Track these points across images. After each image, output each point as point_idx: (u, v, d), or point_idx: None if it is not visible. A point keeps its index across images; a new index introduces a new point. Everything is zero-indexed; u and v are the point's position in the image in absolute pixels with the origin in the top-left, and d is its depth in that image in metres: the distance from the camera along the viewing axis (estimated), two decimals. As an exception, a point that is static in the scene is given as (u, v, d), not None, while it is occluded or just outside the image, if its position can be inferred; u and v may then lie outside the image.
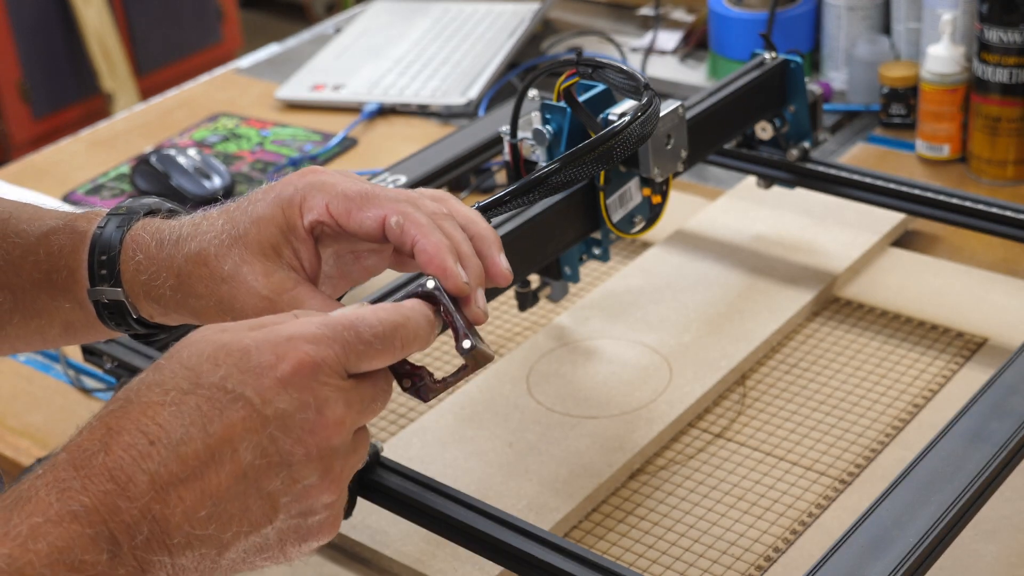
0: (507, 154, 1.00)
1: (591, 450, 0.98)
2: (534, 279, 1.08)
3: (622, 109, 0.97)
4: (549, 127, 0.97)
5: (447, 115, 1.59)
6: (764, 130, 1.19)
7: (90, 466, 0.55)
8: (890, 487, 0.80)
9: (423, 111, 1.60)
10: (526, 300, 1.08)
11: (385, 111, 1.61)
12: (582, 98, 0.96)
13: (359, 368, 0.60)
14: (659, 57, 1.67)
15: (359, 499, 0.85)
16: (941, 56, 1.33)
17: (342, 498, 0.60)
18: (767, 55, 1.16)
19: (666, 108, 0.98)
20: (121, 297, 0.73)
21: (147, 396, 0.57)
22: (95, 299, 0.74)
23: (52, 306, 0.76)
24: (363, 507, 0.85)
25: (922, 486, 0.79)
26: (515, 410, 1.03)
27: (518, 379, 1.07)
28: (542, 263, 1.01)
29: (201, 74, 1.84)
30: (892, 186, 1.13)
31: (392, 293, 0.65)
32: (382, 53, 1.74)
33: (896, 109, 1.43)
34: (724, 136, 1.15)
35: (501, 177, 1.39)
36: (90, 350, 1.02)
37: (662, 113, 0.98)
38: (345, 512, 0.77)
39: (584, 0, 1.83)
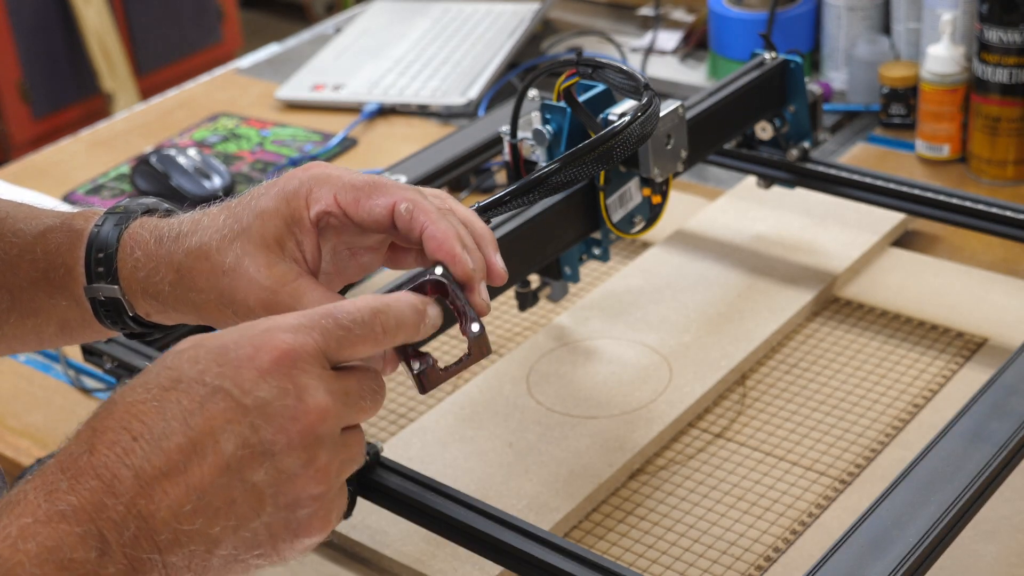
0: (507, 154, 1.00)
1: (591, 450, 0.98)
2: (534, 279, 1.08)
3: (622, 109, 0.97)
4: (549, 127, 0.97)
5: (447, 115, 1.59)
6: (764, 130, 1.19)
7: (76, 467, 0.55)
8: (890, 487, 0.80)
9: (423, 111, 1.60)
10: (526, 300, 1.08)
11: (385, 111, 1.61)
12: (582, 98, 0.96)
13: (340, 355, 0.60)
14: (659, 57, 1.67)
15: (359, 499, 0.85)
16: (941, 56, 1.33)
17: (331, 492, 0.59)
18: (767, 55, 1.16)
19: (666, 108, 0.98)
20: (118, 295, 0.73)
21: (130, 396, 0.57)
22: (92, 296, 0.74)
23: (49, 304, 0.76)
24: (363, 507, 0.85)
25: (922, 486, 0.79)
26: (515, 410, 1.03)
27: (518, 379, 1.07)
28: (542, 263, 1.01)
29: (201, 74, 1.84)
30: (892, 186, 1.13)
31: (403, 286, 0.65)
32: (382, 53, 1.74)
33: (896, 109, 1.43)
34: (724, 136, 1.15)
35: (501, 177, 1.39)
36: (90, 350, 1.02)
37: (662, 113, 0.98)
38: (345, 512, 0.77)
39: (584, 0, 1.83)
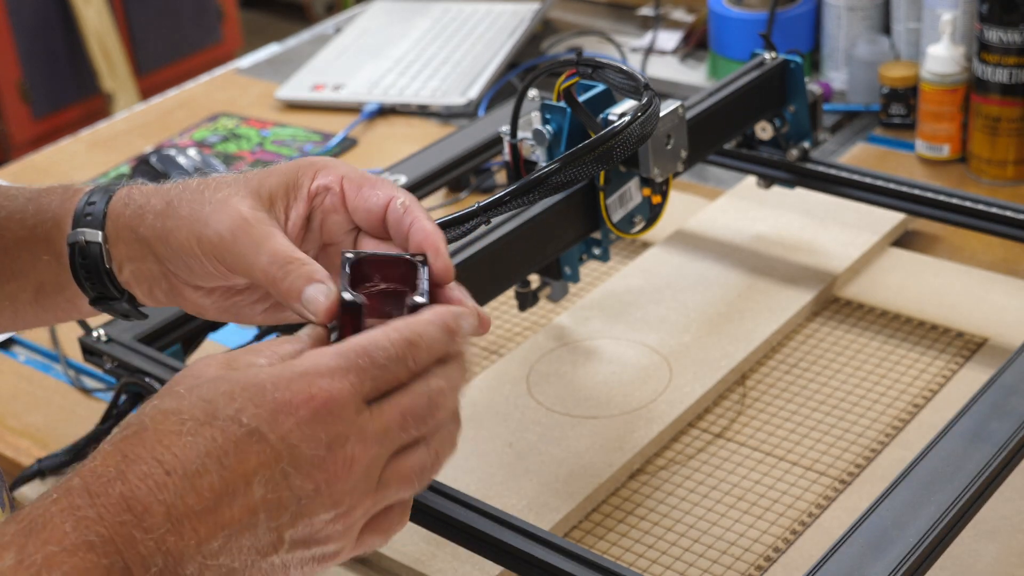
0: (507, 154, 1.00)
1: (591, 450, 0.98)
2: (534, 279, 1.08)
3: (622, 109, 0.97)
4: (549, 127, 0.97)
5: (447, 115, 1.59)
6: (764, 130, 1.19)
7: (106, 494, 0.55)
8: (890, 487, 0.80)
9: (423, 111, 1.60)
10: (526, 300, 1.08)
11: (385, 111, 1.61)
12: (582, 98, 0.96)
13: (376, 393, 0.60)
14: (659, 57, 1.67)
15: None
16: (941, 56, 1.33)
17: (352, 533, 0.60)
18: (767, 55, 1.16)
19: (666, 108, 0.98)
20: (99, 239, 0.72)
21: (163, 424, 0.57)
22: (73, 242, 0.73)
23: (29, 265, 0.75)
24: (363, 507, 0.85)
25: (922, 486, 0.79)
26: (515, 410, 1.03)
27: (518, 379, 1.07)
28: (542, 263, 1.01)
29: (201, 74, 1.84)
30: (892, 186, 1.13)
31: (378, 259, 0.65)
32: (382, 53, 1.74)
33: (896, 109, 1.43)
34: (724, 136, 1.15)
35: (501, 177, 1.39)
36: (90, 350, 1.02)
37: (662, 113, 0.98)
38: None
39: (584, 0, 1.83)
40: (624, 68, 0.88)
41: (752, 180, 1.26)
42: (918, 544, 0.75)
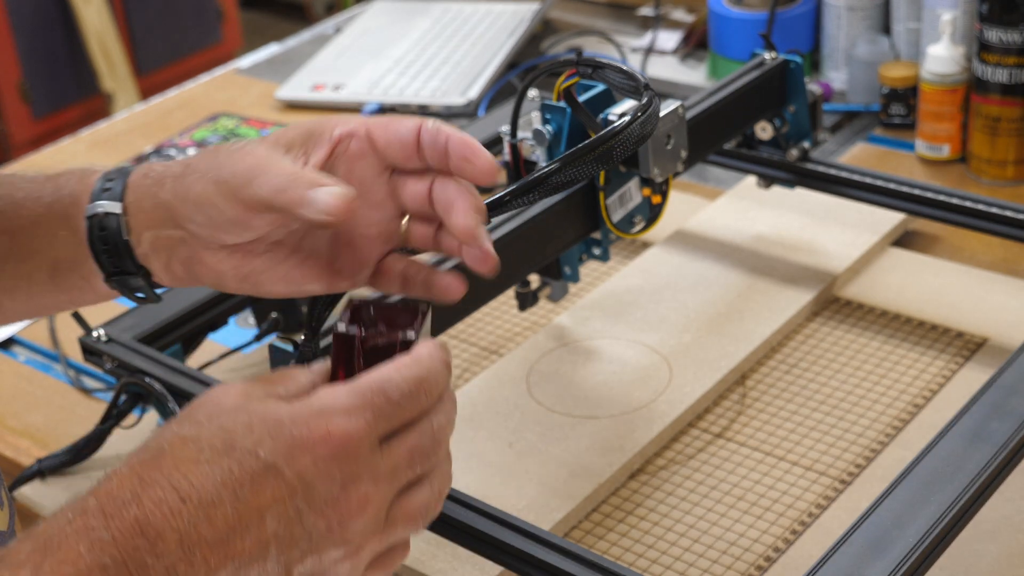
0: (507, 154, 1.00)
1: (591, 450, 0.98)
2: (534, 279, 1.08)
3: (622, 109, 0.97)
4: (549, 127, 0.97)
5: (447, 115, 1.59)
6: (764, 130, 1.19)
7: (121, 516, 0.55)
8: (890, 487, 0.80)
9: (423, 111, 1.60)
10: (526, 300, 1.08)
11: (385, 111, 1.61)
12: (582, 98, 0.96)
13: (389, 430, 0.61)
14: (659, 57, 1.67)
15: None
16: (941, 56, 1.33)
17: (357, 572, 0.61)
18: (767, 55, 1.16)
19: (666, 108, 0.98)
20: (117, 210, 0.72)
21: (182, 451, 0.57)
22: (91, 214, 0.73)
23: (46, 241, 0.75)
24: (363, 507, 0.85)
25: (922, 486, 0.79)
26: (515, 410, 1.03)
27: (518, 379, 1.07)
28: (542, 263, 1.01)
29: (201, 74, 1.84)
30: (892, 186, 1.13)
31: (392, 303, 0.66)
32: (382, 53, 1.74)
33: (896, 109, 1.43)
34: (724, 136, 1.15)
35: (501, 177, 1.39)
36: (90, 350, 1.02)
37: (662, 113, 0.98)
38: None
39: (584, 0, 1.83)
40: (624, 68, 0.88)
41: (752, 180, 1.26)
42: (918, 544, 0.75)
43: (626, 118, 0.77)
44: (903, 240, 1.24)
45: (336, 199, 0.64)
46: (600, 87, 0.98)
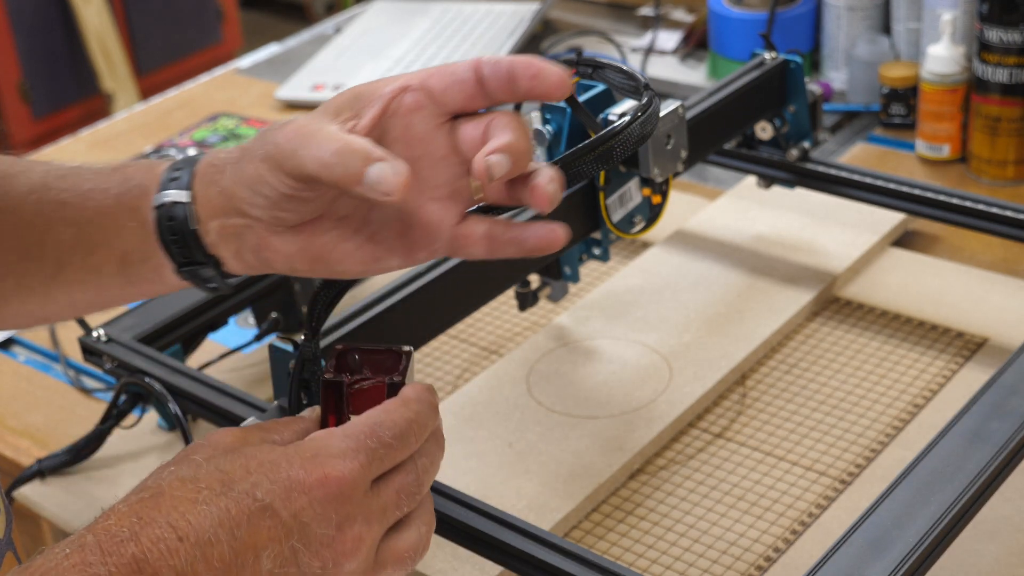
0: (507, 154, 1.00)
1: (591, 450, 0.98)
2: (534, 279, 1.08)
3: (622, 109, 0.97)
4: (549, 127, 0.97)
5: (447, 115, 1.58)
6: (764, 130, 1.19)
7: (118, 553, 0.55)
8: (890, 487, 0.80)
9: (423, 111, 1.60)
10: (526, 300, 1.08)
11: (385, 111, 1.61)
12: (582, 98, 0.96)
13: (381, 472, 0.63)
14: (659, 57, 1.67)
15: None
16: (941, 56, 1.33)
17: None
18: (767, 55, 1.16)
19: (666, 108, 0.98)
20: (185, 199, 0.70)
21: (180, 491, 0.58)
22: (159, 204, 0.71)
23: (114, 233, 0.73)
24: (363, 507, 0.85)
25: (922, 486, 0.79)
26: (515, 410, 1.03)
27: (518, 379, 1.07)
28: (542, 263, 1.01)
29: (201, 74, 1.84)
30: (892, 186, 1.13)
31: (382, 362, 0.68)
32: (382, 53, 1.74)
33: (896, 109, 1.43)
34: (724, 136, 1.15)
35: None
36: (90, 350, 1.02)
37: (662, 113, 0.98)
38: None
39: (584, 0, 1.83)
40: (624, 68, 0.88)
41: (752, 180, 1.26)
42: (918, 544, 0.75)
43: (626, 118, 0.77)
44: (903, 240, 1.24)
45: (398, 177, 0.62)
46: (600, 87, 0.98)
